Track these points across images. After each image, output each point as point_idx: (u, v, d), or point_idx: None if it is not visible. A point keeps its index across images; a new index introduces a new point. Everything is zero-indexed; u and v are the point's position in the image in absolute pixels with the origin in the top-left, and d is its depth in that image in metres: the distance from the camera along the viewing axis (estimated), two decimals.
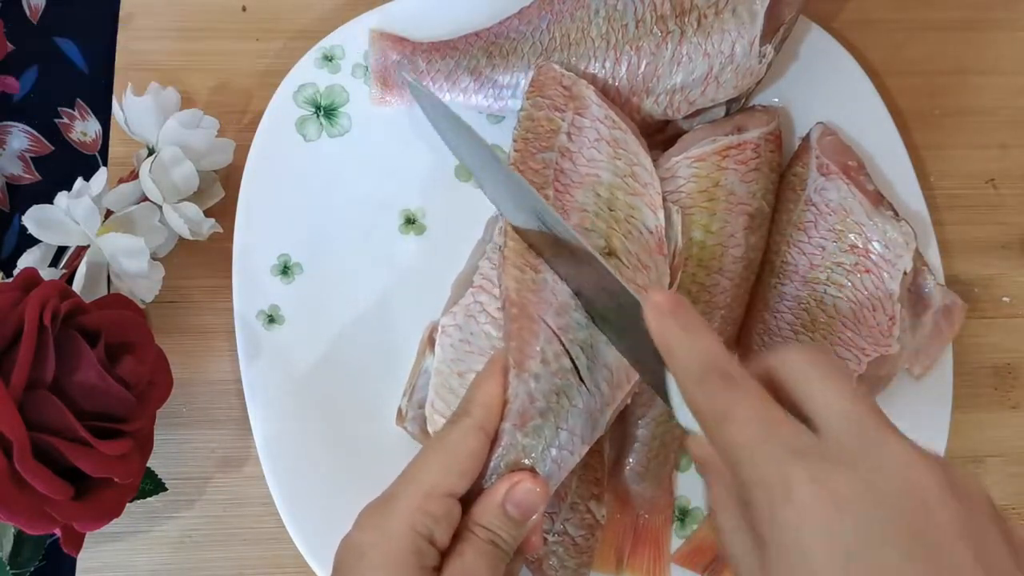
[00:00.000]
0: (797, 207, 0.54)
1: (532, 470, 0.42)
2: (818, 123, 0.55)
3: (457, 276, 0.53)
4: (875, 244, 0.52)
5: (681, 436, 0.52)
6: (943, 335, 0.53)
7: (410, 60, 0.55)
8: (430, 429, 0.48)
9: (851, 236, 0.52)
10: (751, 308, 0.54)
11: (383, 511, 0.39)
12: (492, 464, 0.42)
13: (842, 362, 0.51)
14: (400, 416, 0.51)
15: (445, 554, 0.39)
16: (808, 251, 0.53)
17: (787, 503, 0.30)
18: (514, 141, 0.51)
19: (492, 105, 0.55)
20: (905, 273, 0.51)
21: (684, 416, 0.38)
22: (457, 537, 0.40)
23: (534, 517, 0.41)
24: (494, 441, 0.43)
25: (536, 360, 0.44)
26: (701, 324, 0.36)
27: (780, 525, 0.30)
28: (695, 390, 0.35)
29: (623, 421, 0.52)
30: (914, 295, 0.53)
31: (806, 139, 0.55)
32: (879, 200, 0.53)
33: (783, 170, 0.56)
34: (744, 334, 0.54)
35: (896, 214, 0.52)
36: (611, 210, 0.49)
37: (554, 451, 0.43)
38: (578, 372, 0.44)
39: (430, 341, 0.50)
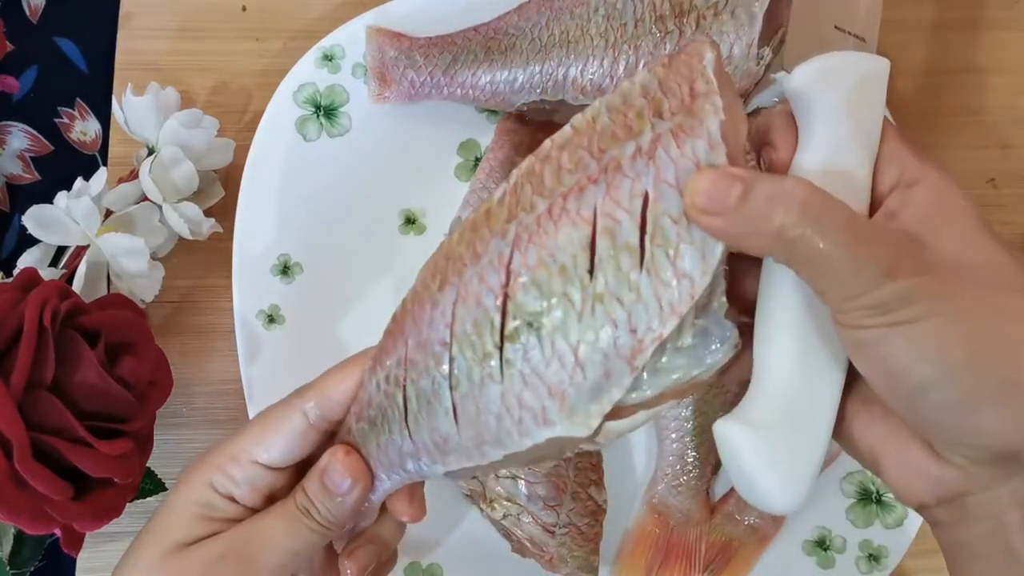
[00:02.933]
0: None
1: (352, 446, 0.40)
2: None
3: None
4: None
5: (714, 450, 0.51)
6: None
7: (407, 55, 0.55)
8: None
9: None
10: None
11: (193, 467, 0.40)
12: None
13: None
14: None
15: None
16: None
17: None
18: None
19: (489, 101, 0.55)
20: None
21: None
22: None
23: (352, 495, 0.39)
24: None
25: (381, 375, 0.39)
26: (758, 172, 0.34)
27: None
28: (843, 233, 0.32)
29: (658, 436, 0.52)
30: None
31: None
32: None
33: None
34: None
35: None
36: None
37: (385, 455, 0.39)
38: (405, 414, 0.38)
39: None
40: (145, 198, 0.53)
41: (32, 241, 0.52)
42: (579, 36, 0.54)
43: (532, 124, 0.56)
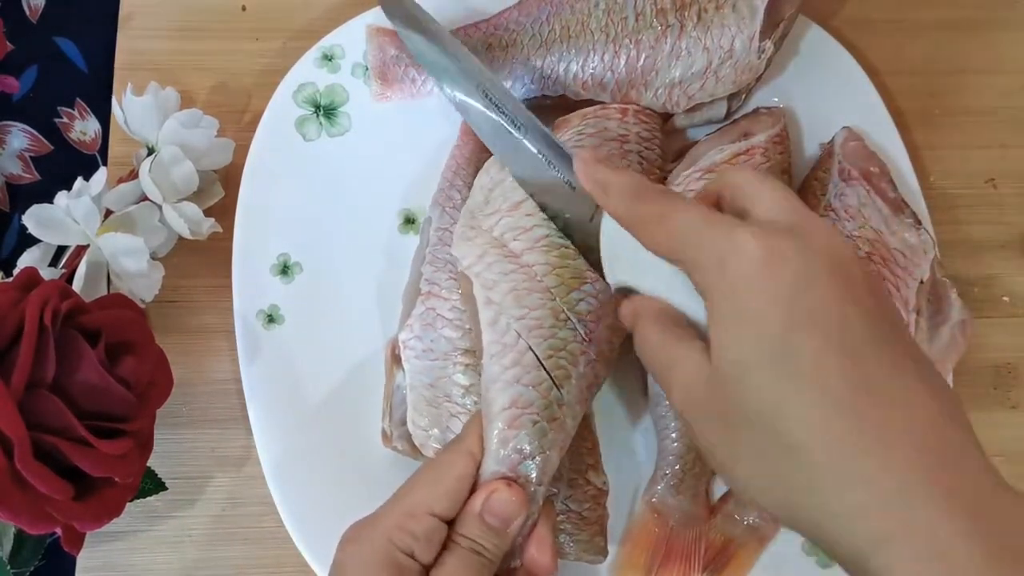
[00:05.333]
0: (817, 211, 0.54)
1: (510, 479, 0.43)
2: (843, 127, 0.55)
3: (404, 288, 0.53)
4: (893, 251, 0.51)
5: None
6: (958, 348, 0.53)
7: (409, 54, 0.55)
8: (417, 444, 0.49)
9: (869, 242, 0.52)
10: None
11: (365, 527, 0.40)
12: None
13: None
14: (386, 437, 0.51)
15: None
16: None
17: (737, 257, 0.34)
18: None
19: None
20: (922, 282, 0.51)
21: (612, 272, 0.43)
22: (444, 550, 0.41)
23: (515, 524, 0.42)
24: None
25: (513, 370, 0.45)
26: (628, 168, 0.41)
27: (731, 277, 0.34)
28: (632, 204, 0.39)
29: (658, 435, 0.52)
30: (933, 306, 0.52)
31: (830, 144, 0.55)
32: (900, 207, 0.52)
33: (805, 175, 0.57)
34: None
35: (917, 222, 0.52)
36: None
37: (538, 459, 0.43)
38: (553, 382, 0.45)
39: (395, 359, 0.51)
40: (145, 198, 0.53)
41: (32, 241, 0.51)
42: (580, 31, 0.54)
43: None
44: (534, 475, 0.43)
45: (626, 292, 0.42)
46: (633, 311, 0.40)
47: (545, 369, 0.45)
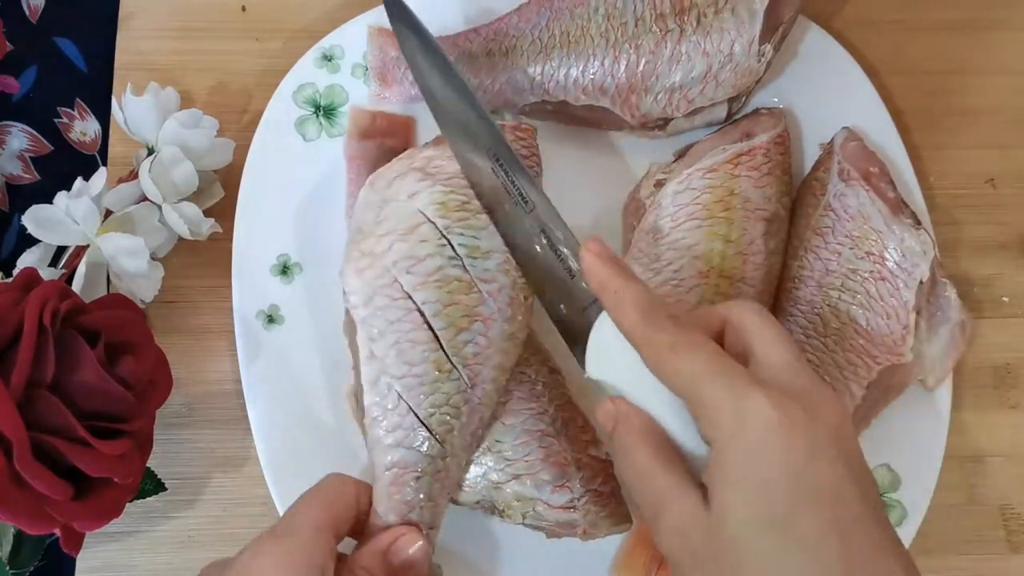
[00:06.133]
0: (816, 212, 0.54)
1: (416, 525, 0.44)
2: (843, 127, 0.55)
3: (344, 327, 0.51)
4: (892, 252, 0.51)
5: None
6: (958, 348, 0.53)
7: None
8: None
9: (868, 243, 0.52)
10: None
11: (280, 542, 0.40)
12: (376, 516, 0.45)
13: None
14: None
15: None
16: (824, 256, 0.53)
17: (753, 422, 0.35)
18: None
19: (491, 102, 0.55)
20: (921, 282, 0.51)
21: (598, 368, 0.42)
22: None
23: (417, 568, 0.43)
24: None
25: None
26: (638, 277, 0.41)
27: (745, 439, 0.35)
28: (644, 322, 0.39)
29: None
30: (933, 306, 0.52)
31: (830, 144, 0.55)
32: (899, 208, 0.52)
33: (805, 175, 0.57)
34: None
35: (917, 222, 0.52)
36: None
37: (425, 507, 0.45)
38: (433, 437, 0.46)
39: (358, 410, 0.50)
40: (145, 198, 0.53)
41: (32, 241, 0.51)
42: (580, 36, 0.54)
43: (381, 146, 0.56)
44: (426, 520, 0.45)
45: (602, 388, 0.42)
46: (616, 417, 0.40)
47: (426, 427, 0.46)
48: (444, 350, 0.46)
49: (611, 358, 0.42)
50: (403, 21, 0.51)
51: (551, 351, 0.52)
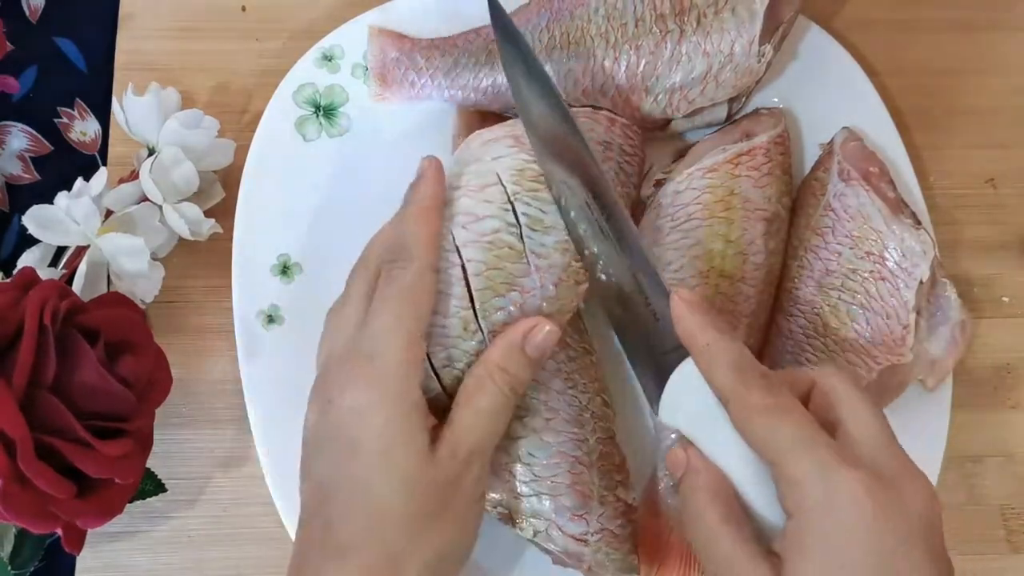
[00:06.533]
0: (816, 212, 0.54)
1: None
2: (843, 128, 0.55)
3: None
4: (892, 252, 0.51)
5: None
6: (958, 348, 0.53)
7: (409, 57, 0.55)
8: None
9: (868, 243, 0.52)
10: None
11: (370, 367, 0.41)
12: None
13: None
14: None
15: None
16: (824, 256, 0.53)
17: (843, 505, 0.34)
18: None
19: (491, 103, 0.55)
20: (921, 282, 0.51)
21: (672, 414, 0.41)
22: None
23: (547, 355, 0.44)
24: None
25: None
26: (731, 328, 0.40)
27: (832, 521, 0.34)
28: (734, 379, 0.38)
29: (659, 436, 0.52)
30: (933, 306, 0.52)
31: (830, 144, 0.55)
32: (899, 208, 0.52)
33: (805, 175, 0.57)
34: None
35: (917, 222, 0.52)
36: None
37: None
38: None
39: None
40: (145, 198, 0.53)
41: (32, 241, 0.51)
42: (580, 37, 0.53)
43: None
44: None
45: (675, 434, 0.42)
46: (686, 468, 0.40)
47: (438, 377, 0.45)
48: (475, 310, 0.45)
49: (689, 407, 0.41)
50: (510, 42, 0.49)
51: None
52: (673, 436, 0.42)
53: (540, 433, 0.48)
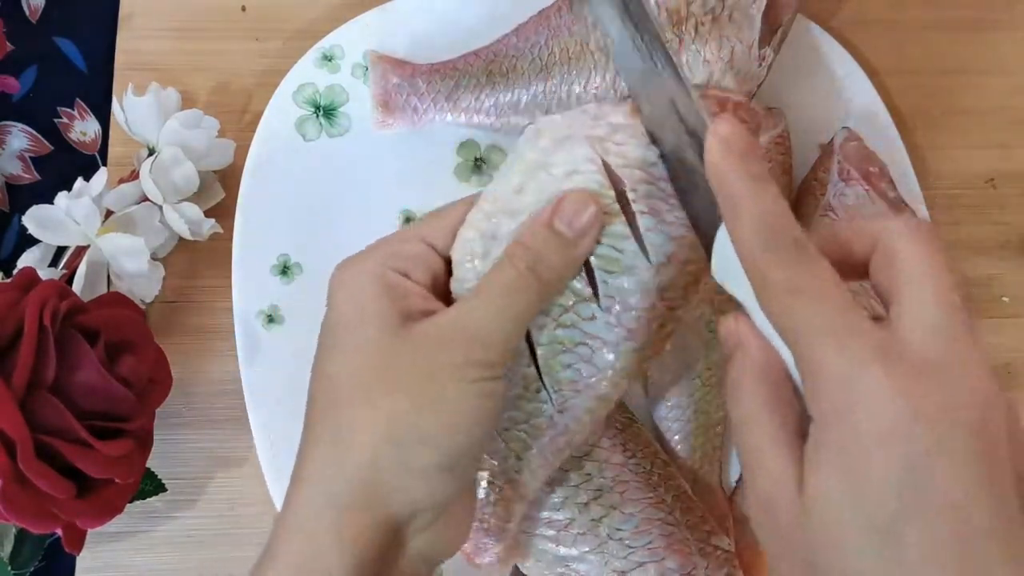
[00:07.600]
0: (816, 212, 0.54)
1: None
2: (843, 127, 0.55)
3: None
4: None
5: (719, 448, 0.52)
6: None
7: (410, 82, 0.55)
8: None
9: None
10: None
11: (357, 256, 0.39)
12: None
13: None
14: None
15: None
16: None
17: (860, 404, 0.28)
18: None
19: (494, 123, 0.55)
20: None
21: (723, 271, 0.34)
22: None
23: (586, 242, 0.37)
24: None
25: None
26: (769, 176, 0.31)
27: (857, 429, 0.28)
28: (761, 249, 0.31)
29: (660, 437, 0.53)
30: None
31: (830, 144, 0.55)
32: (899, 207, 0.52)
33: (805, 175, 0.56)
34: None
35: None
36: None
37: None
38: None
39: None
40: (145, 198, 0.53)
41: (32, 241, 0.52)
42: (579, 52, 0.53)
43: None
44: (495, 524, 0.43)
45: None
46: (737, 341, 0.33)
47: (502, 439, 0.42)
48: (537, 367, 0.40)
49: (739, 269, 0.33)
50: None
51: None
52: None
53: (619, 507, 0.47)
